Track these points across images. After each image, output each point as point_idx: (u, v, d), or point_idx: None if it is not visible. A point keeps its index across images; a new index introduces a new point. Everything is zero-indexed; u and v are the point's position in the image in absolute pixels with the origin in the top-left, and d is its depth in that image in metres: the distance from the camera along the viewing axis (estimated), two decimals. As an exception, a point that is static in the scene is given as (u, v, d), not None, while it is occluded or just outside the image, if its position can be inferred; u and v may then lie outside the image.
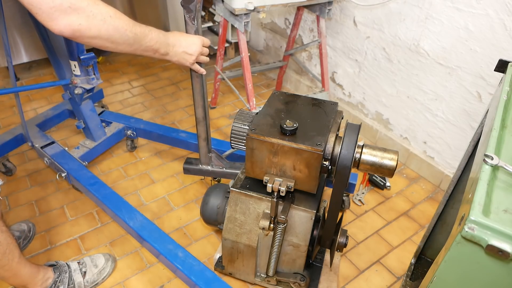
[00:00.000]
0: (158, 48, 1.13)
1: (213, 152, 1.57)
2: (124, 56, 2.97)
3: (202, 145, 1.54)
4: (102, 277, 1.43)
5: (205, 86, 1.42)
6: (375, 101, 2.11)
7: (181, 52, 1.21)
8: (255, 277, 1.39)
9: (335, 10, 2.11)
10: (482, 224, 0.60)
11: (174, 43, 1.18)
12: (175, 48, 1.19)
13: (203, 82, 1.40)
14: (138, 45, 1.08)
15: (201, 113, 1.46)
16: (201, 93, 1.41)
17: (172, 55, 1.20)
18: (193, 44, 1.23)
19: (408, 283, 1.41)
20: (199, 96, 1.42)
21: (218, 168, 1.57)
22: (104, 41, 1.01)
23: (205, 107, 1.45)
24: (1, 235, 1.13)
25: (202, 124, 1.48)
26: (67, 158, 1.69)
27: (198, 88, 1.41)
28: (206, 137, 1.50)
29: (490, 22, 1.48)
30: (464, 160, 1.17)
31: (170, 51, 1.18)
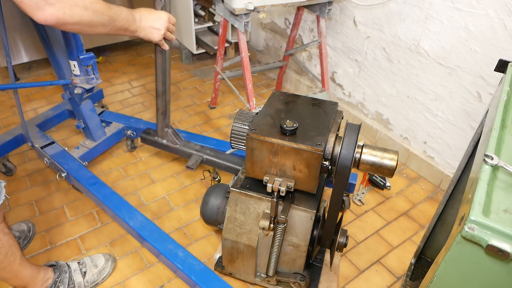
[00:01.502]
0: (128, 26, 1.18)
1: (170, 128, 1.65)
2: (124, 56, 2.97)
3: (160, 118, 1.63)
4: (102, 277, 1.43)
5: (168, 62, 1.48)
6: (375, 101, 2.11)
7: (148, 26, 1.25)
8: (255, 277, 1.39)
9: (335, 10, 2.11)
10: (482, 224, 0.60)
11: (141, 18, 1.22)
12: (142, 23, 1.23)
13: (166, 58, 1.46)
14: (112, 26, 1.12)
15: (161, 87, 1.54)
16: (163, 68, 1.48)
17: (140, 31, 1.24)
18: (159, 19, 1.27)
19: (408, 283, 1.41)
20: (160, 71, 1.49)
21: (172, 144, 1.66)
22: (84, 26, 1.05)
23: (165, 82, 1.52)
24: (3, 237, 1.13)
25: (162, 99, 1.56)
26: (67, 158, 1.69)
27: (160, 63, 1.47)
28: (164, 111, 1.59)
29: (490, 22, 1.48)
30: (464, 160, 1.17)
31: (138, 27, 1.22)
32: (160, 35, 1.30)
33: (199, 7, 2.69)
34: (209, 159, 1.65)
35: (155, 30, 1.28)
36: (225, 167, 1.64)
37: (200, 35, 2.79)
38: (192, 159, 1.63)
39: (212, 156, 1.66)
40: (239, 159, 1.64)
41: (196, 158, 1.64)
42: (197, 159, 1.64)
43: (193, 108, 2.44)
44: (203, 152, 1.68)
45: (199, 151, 1.69)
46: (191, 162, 1.61)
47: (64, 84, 1.67)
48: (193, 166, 1.60)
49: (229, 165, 1.63)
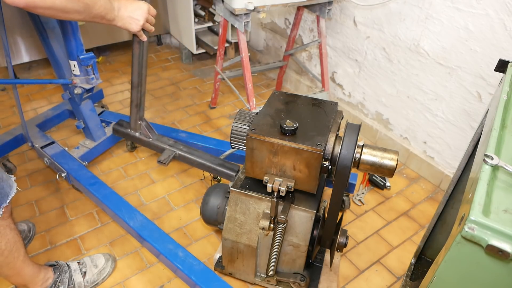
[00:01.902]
0: (105, 14, 1.15)
1: (144, 121, 1.62)
2: (124, 56, 2.97)
3: (133, 111, 1.60)
4: (102, 277, 1.43)
5: (145, 53, 1.46)
6: (375, 101, 2.11)
7: (126, 16, 1.22)
8: (255, 277, 1.39)
9: (335, 10, 2.11)
10: (482, 224, 0.60)
11: (119, 7, 1.20)
12: (120, 12, 1.20)
13: (143, 49, 1.44)
14: (87, 13, 1.09)
15: (136, 78, 1.51)
16: (139, 59, 1.46)
17: (118, 20, 1.21)
18: (138, 9, 1.24)
19: (408, 283, 1.41)
20: (137, 62, 1.46)
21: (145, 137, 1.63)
22: (57, 11, 1.03)
23: (141, 74, 1.49)
24: (9, 232, 1.13)
25: (136, 90, 1.53)
26: (67, 158, 1.69)
27: (137, 53, 1.44)
28: (138, 104, 1.56)
29: (490, 22, 1.48)
30: (464, 160, 1.17)
31: (116, 16, 1.19)
32: (138, 25, 1.27)
33: (199, 7, 2.69)
34: (182, 155, 1.61)
35: (134, 21, 1.25)
36: (197, 163, 1.59)
37: (200, 35, 2.79)
38: (165, 154, 1.59)
39: (185, 152, 1.62)
40: (212, 157, 1.60)
41: (168, 153, 1.60)
42: (170, 154, 1.59)
43: (193, 108, 2.44)
44: (176, 148, 1.63)
45: (172, 146, 1.64)
46: (163, 157, 1.57)
47: (64, 84, 1.67)
48: (165, 161, 1.55)
49: (202, 162, 1.58)
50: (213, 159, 1.58)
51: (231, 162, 1.58)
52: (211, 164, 1.57)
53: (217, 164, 1.56)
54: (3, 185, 1.10)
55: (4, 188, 1.10)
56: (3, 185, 1.10)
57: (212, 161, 1.58)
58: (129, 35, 2.90)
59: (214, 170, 1.56)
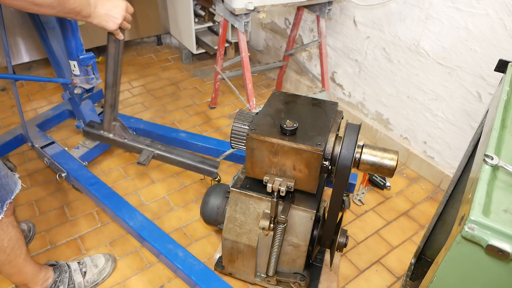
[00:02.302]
0: (80, 10, 1.11)
1: (118, 121, 1.56)
2: (124, 56, 2.97)
3: (107, 111, 1.53)
4: (102, 277, 1.43)
5: (121, 52, 1.40)
6: (375, 101, 2.11)
7: (103, 14, 1.18)
8: (255, 277, 1.39)
9: (335, 10, 2.11)
10: (482, 224, 0.60)
11: (96, 4, 1.16)
12: (97, 9, 1.16)
13: (119, 48, 1.39)
14: (61, 7, 1.05)
15: (111, 78, 1.45)
16: (115, 58, 1.40)
17: (94, 17, 1.17)
18: (117, 7, 1.20)
19: (408, 283, 1.41)
20: (112, 61, 1.40)
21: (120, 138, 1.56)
22: (27, 4, 0.99)
23: (116, 73, 1.43)
24: (12, 229, 1.13)
25: (111, 90, 1.47)
26: (67, 158, 1.69)
27: (113, 52, 1.39)
28: (112, 104, 1.50)
29: (490, 22, 1.48)
30: (464, 160, 1.17)
31: (92, 12, 1.15)
32: (116, 24, 1.23)
33: (199, 7, 2.69)
34: (161, 154, 1.56)
35: (111, 18, 1.20)
36: (177, 162, 1.56)
37: (200, 35, 2.79)
38: (143, 155, 1.54)
39: (163, 151, 1.57)
40: (191, 154, 1.57)
41: (147, 154, 1.54)
42: (149, 154, 1.54)
43: (193, 108, 2.44)
44: (154, 147, 1.57)
45: (150, 146, 1.58)
46: (142, 158, 1.52)
47: (64, 84, 1.67)
48: (145, 162, 1.50)
49: (182, 160, 1.55)
50: (192, 157, 1.54)
51: (211, 158, 1.54)
52: (192, 162, 1.53)
53: (197, 161, 1.53)
54: (8, 181, 1.10)
55: (9, 184, 1.10)
56: (8, 181, 1.10)
57: (192, 158, 1.54)
58: (130, 34, 2.90)
59: (195, 167, 1.53)
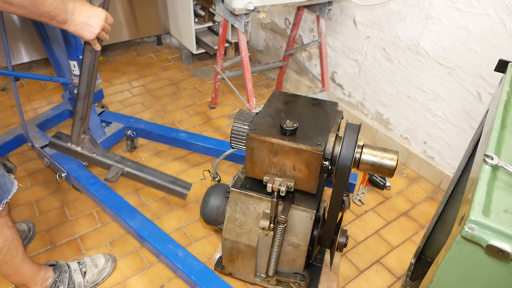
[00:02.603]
0: (56, 14, 1.05)
1: (88, 134, 1.48)
2: (124, 56, 2.97)
3: (77, 123, 1.44)
4: (102, 277, 1.43)
5: (96, 63, 1.35)
6: (375, 101, 2.11)
7: (81, 22, 1.13)
8: (255, 277, 1.39)
9: (335, 10, 2.11)
10: (482, 224, 0.60)
11: (74, 11, 1.11)
12: (74, 16, 1.11)
13: (95, 59, 1.33)
14: (34, 8, 0.99)
15: (84, 89, 1.38)
16: (90, 69, 1.34)
17: (70, 24, 1.11)
18: (96, 16, 1.15)
19: (408, 283, 1.41)
20: (86, 72, 1.34)
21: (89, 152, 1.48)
22: None
23: (90, 84, 1.37)
24: (7, 230, 1.13)
25: (83, 102, 1.40)
26: (67, 158, 1.69)
27: (88, 63, 1.33)
28: (83, 116, 1.42)
29: (490, 22, 1.48)
30: (464, 160, 1.17)
31: (69, 19, 1.10)
32: (93, 34, 1.17)
33: (199, 7, 2.69)
34: (131, 172, 1.47)
35: (89, 28, 1.15)
36: (147, 181, 1.48)
37: (200, 35, 2.79)
38: (112, 171, 1.46)
39: (134, 169, 1.47)
40: (162, 174, 1.48)
41: (116, 170, 1.46)
42: (118, 171, 1.45)
43: (193, 108, 2.44)
44: (124, 164, 1.48)
45: (120, 162, 1.49)
46: (110, 175, 1.44)
47: (63, 83, 1.67)
48: (113, 179, 1.42)
49: (152, 180, 1.47)
50: (163, 176, 1.47)
51: (183, 180, 1.48)
52: (162, 182, 1.46)
53: (168, 181, 1.46)
54: (5, 181, 1.10)
55: (6, 184, 1.10)
56: (5, 181, 1.10)
57: (163, 178, 1.47)
58: (130, 34, 2.90)
59: (166, 188, 1.46)
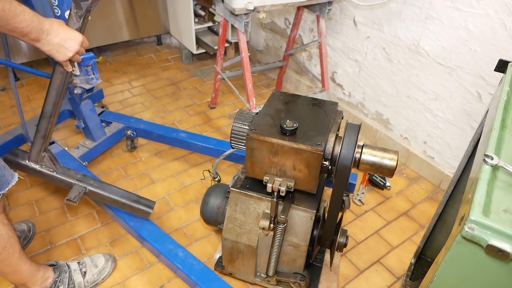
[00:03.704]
0: (28, 32, 1.02)
1: (48, 152, 1.43)
2: (124, 56, 2.97)
3: (38, 141, 1.39)
4: (102, 277, 1.43)
5: (66, 84, 1.31)
6: (375, 101, 2.11)
7: (56, 43, 1.10)
8: (255, 277, 1.39)
9: (335, 10, 2.11)
10: (482, 224, 0.60)
11: (50, 31, 1.08)
12: (50, 36, 1.08)
13: (65, 80, 1.29)
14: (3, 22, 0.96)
15: (50, 109, 1.34)
16: (58, 89, 1.30)
17: (44, 43, 1.07)
18: (72, 39, 1.12)
19: (408, 283, 1.41)
20: (55, 92, 1.30)
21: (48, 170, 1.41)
22: None
23: (56, 104, 1.34)
24: (2, 227, 1.13)
25: (47, 121, 1.35)
26: (67, 158, 1.69)
27: (58, 83, 1.29)
28: (45, 135, 1.38)
29: (490, 22, 1.48)
30: (464, 160, 1.17)
31: (43, 38, 1.07)
32: (66, 57, 1.13)
33: (199, 7, 2.69)
34: (93, 191, 1.42)
35: (64, 50, 1.11)
36: (110, 200, 1.44)
37: (200, 35, 2.79)
38: (74, 191, 1.40)
39: (96, 188, 1.42)
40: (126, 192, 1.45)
41: (78, 190, 1.40)
42: (80, 190, 1.40)
43: (193, 108, 2.44)
44: (86, 183, 1.42)
45: (81, 181, 1.42)
46: (73, 195, 1.38)
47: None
48: (76, 200, 1.37)
49: (116, 199, 1.43)
50: (127, 195, 1.44)
51: (146, 199, 1.45)
52: (126, 201, 1.43)
53: (132, 200, 1.43)
54: (5, 173, 1.09)
55: (5, 176, 1.09)
56: (4, 172, 1.09)
57: (127, 197, 1.44)
58: (129, 34, 2.90)
59: (129, 206, 1.43)
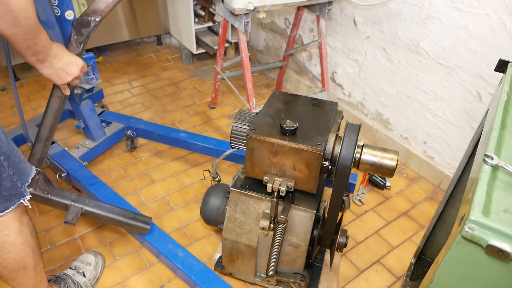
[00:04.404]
0: (40, 52, 1.01)
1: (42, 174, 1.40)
2: (124, 56, 2.97)
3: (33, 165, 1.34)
4: (99, 270, 1.46)
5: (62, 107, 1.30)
6: (375, 101, 2.11)
7: (58, 67, 1.09)
8: (255, 277, 1.39)
9: (335, 10, 2.11)
10: (482, 224, 0.60)
11: (55, 55, 1.07)
12: (54, 60, 1.07)
13: (62, 104, 1.28)
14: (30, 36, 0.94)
15: (46, 133, 1.32)
16: (55, 113, 1.28)
17: (47, 66, 1.06)
18: (74, 64, 1.12)
19: (408, 283, 1.41)
20: (51, 116, 1.29)
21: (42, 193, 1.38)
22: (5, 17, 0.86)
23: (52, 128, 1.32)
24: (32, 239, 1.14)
25: (42, 145, 1.34)
26: (67, 158, 1.69)
27: (55, 108, 1.27)
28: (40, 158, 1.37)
29: (490, 22, 1.48)
30: (464, 160, 1.17)
31: (48, 61, 1.06)
32: (65, 81, 1.13)
33: (199, 7, 2.69)
34: (90, 210, 1.40)
35: (64, 75, 1.11)
36: (107, 219, 1.43)
37: (200, 35, 2.79)
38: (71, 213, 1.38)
39: (92, 207, 1.41)
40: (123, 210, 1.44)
41: (75, 211, 1.38)
42: (77, 211, 1.38)
43: (193, 108, 2.44)
44: (82, 203, 1.39)
45: (77, 201, 1.40)
46: (70, 217, 1.37)
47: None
48: (73, 221, 1.36)
49: (113, 217, 1.42)
50: (124, 213, 1.44)
51: (143, 215, 1.45)
52: (123, 219, 1.42)
53: (129, 217, 1.43)
54: (26, 166, 1.10)
55: (26, 168, 1.10)
56: (26, 166, 1.10)
57: (123, 215, 1.43)
58: (130, 34, 2.90)
59: (126, 224, 1.43)
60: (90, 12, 1.10)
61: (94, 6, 1.10)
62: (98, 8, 1.10)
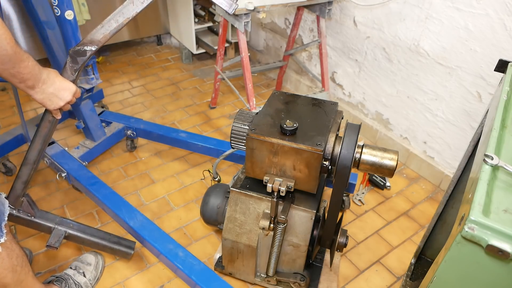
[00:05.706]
0: (27, 79, 1.01)
1: (27, 196, 1.41)
2: (124, 56, 2.97)
3: (18, 186, 1.36)
4: (99, 270, 1.46)
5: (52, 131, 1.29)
6: (375, 101, 2.11)
7: (50, 93, 1.08)
8: (255, 277, 1.39)
9: (335, 10, 2.11)
10: (482, 224, 0.60)
11: (46, 81, 1.06)
12: (45, 86, 1.07)
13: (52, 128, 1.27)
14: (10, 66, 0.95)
15: (34, 156, 1.31)
16: (45, 137, 1.27)
17: (38, 91, 1.06)
18: (67, 90, 1.11)
19: (408, 283, 1.41)
20: (41, 140, 1.27)
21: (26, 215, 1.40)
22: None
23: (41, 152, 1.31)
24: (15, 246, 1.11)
25: (30, 168, 1.33)
26: (67, 158, 1.69)
27: (45, 132, 1.26)
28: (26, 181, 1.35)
29: (490, 22, 1.48)
30: (464, 160, 1.17)
31: (39, 87, 1.05)
32: (57, 106, 1.12)
33: (199, 7, 2.69)
34: (73, 234, 1.41)
35: (56, 100, 1.10)
36: (91, 243, 1.44)
37: (200, 35, 2.79)
38: (54, 236, 1.38)
39: (76, 231, 1.42)
40: (107, 234, 1.46)
41: (59, 234, 1.39)
42: (60, 235, 1.38)
43: (193, 108, 2.44)
44: (65, 226, 1.40)
45: (61, 224, 1.41)
46: (53, 240, 1.36)
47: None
48: (56, 245, 1.36)
49: (96, 241, 1.44)
50: (107, 237, 1.46)
51: (128, 239, 1.48)
52: (107, 243, 1.45)
53: (112, 242, 1.45)
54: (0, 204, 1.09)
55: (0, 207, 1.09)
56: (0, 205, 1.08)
57: (107, 239, 1.45)
58: (130, 34, 2.90)
59: (110, 248, 1.45)
60: (87, 42, 1.10)
61: (92, 36, 1.09)
62: (95, 39, 1.09)
